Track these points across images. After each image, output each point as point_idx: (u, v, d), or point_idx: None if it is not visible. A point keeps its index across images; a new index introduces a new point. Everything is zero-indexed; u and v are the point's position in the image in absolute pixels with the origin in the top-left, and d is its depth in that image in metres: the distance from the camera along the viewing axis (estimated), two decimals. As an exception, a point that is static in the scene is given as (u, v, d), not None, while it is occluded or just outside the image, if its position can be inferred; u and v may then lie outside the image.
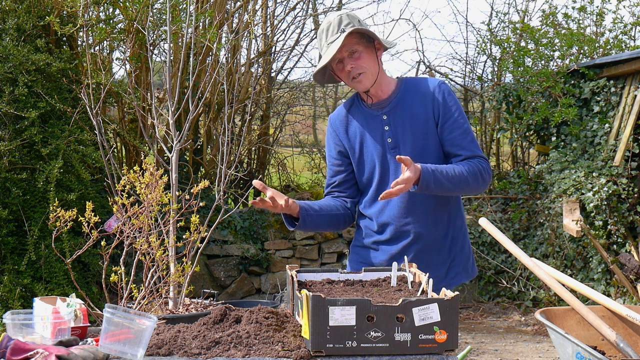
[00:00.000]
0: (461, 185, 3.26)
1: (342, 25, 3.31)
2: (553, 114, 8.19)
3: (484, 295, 8.69)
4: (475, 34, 11.80)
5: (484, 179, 3.31)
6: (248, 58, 9.25)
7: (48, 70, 7.09)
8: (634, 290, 7.19)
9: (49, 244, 6.84)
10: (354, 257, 3.56)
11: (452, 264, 3.44)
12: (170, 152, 3.52)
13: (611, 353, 3.45)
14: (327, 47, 3.32)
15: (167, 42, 4.74)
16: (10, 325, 2.67)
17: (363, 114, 3.43)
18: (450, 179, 3.22)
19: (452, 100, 3.37)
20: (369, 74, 3.33)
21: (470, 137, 3.36)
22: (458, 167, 3.27)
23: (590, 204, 7.46)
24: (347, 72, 3.33)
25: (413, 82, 3.43)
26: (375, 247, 3.47)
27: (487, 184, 3.35)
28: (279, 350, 2.50)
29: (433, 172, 3.18)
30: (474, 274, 3.55)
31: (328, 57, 3.29)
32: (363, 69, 3.32)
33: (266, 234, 8.53)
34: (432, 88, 3.37)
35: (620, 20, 9.45)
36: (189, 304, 3.24)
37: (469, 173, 3.27)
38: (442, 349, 2.51)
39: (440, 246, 3.40)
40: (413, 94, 3.38)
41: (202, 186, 3.07)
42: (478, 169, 3.29)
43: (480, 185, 3.32)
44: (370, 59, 3.34)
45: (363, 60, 3.32)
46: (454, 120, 3.34)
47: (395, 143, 3.35)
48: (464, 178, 3.25)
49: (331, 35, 3.31)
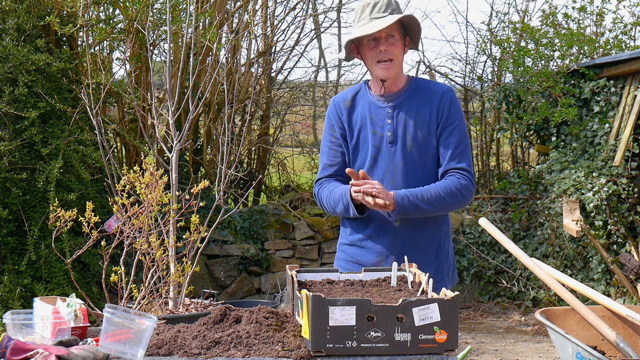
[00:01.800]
0: (440, 206, 3.32)
1: (391, 8, 3.35)
2: (553, 114, 8.19)
3: (484, 295, 8.69)
4: (475, 34, 11.80)
5: (463, 196, 3.35)
6: (248, 58, 9.25)
7: (48, 70, 7.09)
8: (634, 290, 7.19)
9: (49, 244, 6.84)
10: (341, 256, 3.55)
11: (439, 268, 3.46)
12: (170, 152, 3.52)
13: (611, 353, 3.45)
14: (369, 20, 3.33)
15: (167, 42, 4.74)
16: (10, 325, 2.67)
17: (368, 102, 3.45)
18: (427, 201, 3.28)
19: (457, 108, 3.42)
20: (396, 64, 3.37)
21: (463, 147, 3.39)
22: (434, 188, 3.32)
23: (590, 204, 7.46)
24: (376, 53, 3.35)
25: (423, 83, 3.49)
26: (361, 244, 3.47)
27: (468, 200, 3.40)
28: (279, 350, 2.50)
29: (407, 197, 3.23)
30: (455, 280, 3.60)
31: (372, 29, 3.29)
32: (394, 56, 3.35)
33: (266, 234, 8.53)
34: (441, 92, 3.42)
35: (620, 20, 9.45)
36: (189, 304, 3.24)
37: (446, 193, 3.31)
38: (442, 349, 2.51)
39: (427, 249, 3.42)
40: (421, 94, 3.42)
41: (202, 186, 3.07)
42: (456, 187, 3.33)
43: (461, 202, 3.37)
44: (401, 49, 3.39)
45: (396, 48, 3.36)
46: (454, 127, 3.38)
47: (394, 137, 3.37)
48: (441, 199, 3.30)
49: (378, 12, 3.33)
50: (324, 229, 8.64)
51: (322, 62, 11.23)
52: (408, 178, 3.36)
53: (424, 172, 3.38)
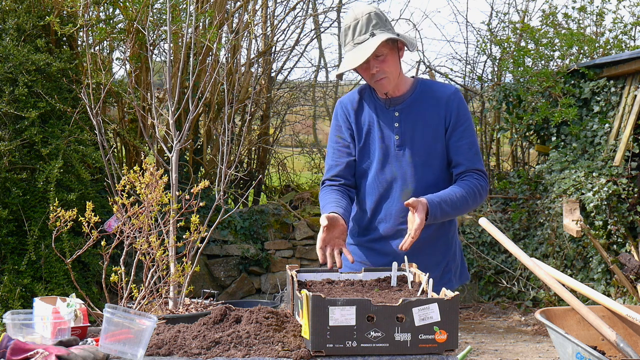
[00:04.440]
0: (462, 209, 3.32)
1: (371, 25, 3.31)
2: (553, 114, 8.19)
3: (484, 295, 8.69)
4: (475, 34, 11.80)
5: (481, 196, 3.36)
6: (248, 58, 9.25)
7: (48, 70, 7.09)
8: (634, 290, 7.19)
9: (49, 244, 6.84)
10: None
11: (446, 269, 3.45)
12: (170, 152, 3.52)
13: (611, 353, 3.45)
14: (353, 46, 3.32)
15: (167, 42, 4.74)
16: (10, 325, 2.67)
17: (374, 105, 3.44)
18: (454, 205, 3.27)
19: (465, 110, 3.41)
20: (391, 78, 3.35)
21: (475, 149, 3.38)
22: (459, 190, 3.30)
23: (590, 204, 7.46)
24: (371, 74, 3.34)
25: (429, 85, 3.47)
26: (368, 245, 3.45)
27: (483, 200, 3.40)
28: (279, 350, 2.50)
29: (439, 205, 3.22)
30: (465, 279, 3.58)
31: (358, 61, 3.27)
32: (386, 73, 3.33)
33: (266, 234, 8.52)
34: (448, 94, 3.40)
35: (620, 20, 9.45)
36: (189, 304, 3.24)
37: (469, 195, 3.31)
38: (442, 349, 2.51)
39: (434, 249, 3.40)
40: (428, 96, 3.41)
41: (202, 186, 3.07)
42: (476, 187, 3.33)
43: (478, 202, 3.37)
44: (394, 61, 3.36)
45: (387, 64, 3.34)
46: (464, 129, 3.37)
47: (402, 141, 3.36)
48: (465, 201, 3.30)
49: (359, 35, 3.30)
50: (324, 229, 8.63)
51: (322, 62, 11.24)
52: (419, 182, 3.35)
53: (434, 174, 3.37)
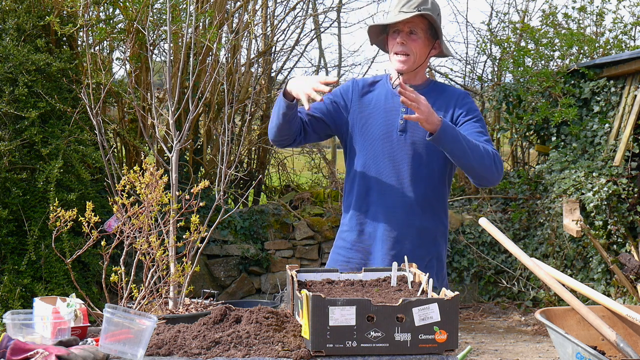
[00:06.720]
0: (476, 156, 3.20)
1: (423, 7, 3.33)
2: (553, 114, 8.19)
3: (484, 295, 8.69)
4: (475, 34, 11.83)
5: (496, 166, 3.25)
6: (248, 58, 9.25)
7: (48, 70, 7.09)
8: (634, 290, 7.19)
9: (49, 244, 6.84)
10: (334, 257, 3.50)
11: (429, 264, 3.37)
12: (170, 152, 3.52)
13: (611, 353, 3.45)
14: (396, 14, 3.34)
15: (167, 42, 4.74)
16: (10, 325, 2.67)
17: (386, 90, 3.45)
18: (468, 141, 3.18)
19: (476, 109, 3.43)
20: (412, 60, 3.36)
21: (486, 138, 3.34)
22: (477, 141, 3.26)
23: (590, 204, 7.46)
24: (395, 44, 3.36)
25: (441, 85, 3.52)
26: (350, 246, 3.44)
27: (499, 173, 3.28)
28: (279, 350, 2.50)
29: (452, 127, 3.16)
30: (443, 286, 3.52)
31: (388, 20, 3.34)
32: (410, 51, 3.35)
33: (266, 234, 8.52)
34: (458, 94, 3.44)
35: (620, 20, 9.46)
36: (189, 304, 3.24)
37: (484, 150, 3.23)
38: (442, 349, 2.51)
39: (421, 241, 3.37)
40: (438, 94, 3.42)
41: (202, 186, 3.07)
42: (493, 153, 3.26)
43: (493, 170, 3.25)
44: (423, 49, 3.37)
45: (416, 44, 3.35)
46: (476, 120, 3.36)
47: (405, 126, 3.35)
48: (480, 150, 3.20)
49: (408, 7, 3.33)
50: (324, 229, 8.63)
51: (322, 62, 11.23)
52: (413, 171, 3.33)
53: (430, 169, 3.35)
